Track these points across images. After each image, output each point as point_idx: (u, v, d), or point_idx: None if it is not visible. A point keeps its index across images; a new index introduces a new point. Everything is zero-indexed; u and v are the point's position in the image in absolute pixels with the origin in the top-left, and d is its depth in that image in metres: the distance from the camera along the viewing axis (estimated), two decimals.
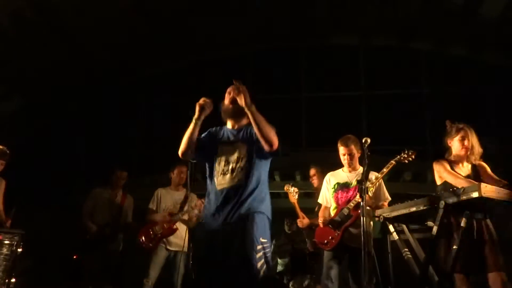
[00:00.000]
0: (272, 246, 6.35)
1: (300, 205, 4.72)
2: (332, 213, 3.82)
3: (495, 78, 8.32)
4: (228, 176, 2.59)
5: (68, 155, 8.28)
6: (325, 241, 3.67)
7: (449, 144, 3.28)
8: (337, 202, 3.80)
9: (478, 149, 3.18)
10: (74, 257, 4.77)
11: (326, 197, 3.94)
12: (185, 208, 4.42)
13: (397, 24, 8.28)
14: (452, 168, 3.12)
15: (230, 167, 2.62)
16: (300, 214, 4.65)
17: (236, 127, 2.83)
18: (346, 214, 3.64)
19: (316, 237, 3.88)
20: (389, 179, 7.41)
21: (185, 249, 4.29)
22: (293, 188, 4.66)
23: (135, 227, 4.71)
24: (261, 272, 2.37)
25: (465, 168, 3.16)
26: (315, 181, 4.96)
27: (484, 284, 2.80)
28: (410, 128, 8.20)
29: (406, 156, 3.53)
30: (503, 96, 8.12)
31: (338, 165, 4.05)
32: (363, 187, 2.99)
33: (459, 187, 2.69)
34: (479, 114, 8.06)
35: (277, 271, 5.97)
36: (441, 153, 3.35)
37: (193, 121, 2.70)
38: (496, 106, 8.15)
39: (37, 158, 7.79)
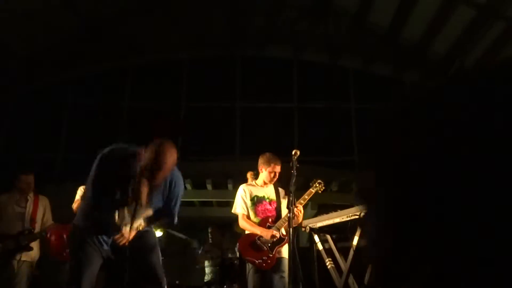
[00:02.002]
0: (200, 252, 6.34)
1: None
2: None
3: (415, 96, 9.00)
4: (127, 228, 2.50)
5: None
6: (258, 261, 3.56)
7: None
8: (258, 215, 3.77)
9: None
10: None
11: (247, 207, 3.81)
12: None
13: (328, 41, 8.66)
14: None
15: (135, 225, 2.51)
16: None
17: None
18: (278, 236, 3.59)
19: (244, 250, 3.67)
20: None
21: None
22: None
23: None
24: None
25: None
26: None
27: None
28: (339, 141, 8.59)
29: (319, 186, 3.72)
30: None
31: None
32: (291, 198, 3.08)
33: None
34: None
35: (206, 280, 5.93)
36: (367, 165, 3.47)
37: None
38: None
39: None
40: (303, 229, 3.34)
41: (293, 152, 3.22)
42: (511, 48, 7.55)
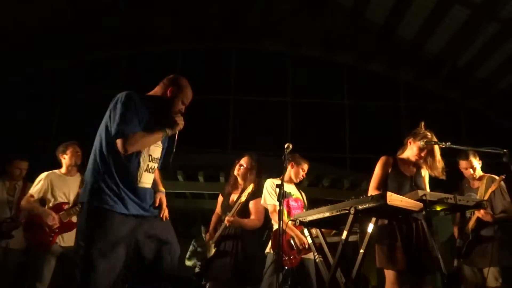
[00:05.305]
0: (192, 246, 6.33)
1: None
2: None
3: (408, 94, 9.07)
4: (151, 175, 2.43)
5: None
6: (284, 257, 3.53)
7: (409, 143, 3.20)
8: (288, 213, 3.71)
9: (440, 164, 3.09)
10: None
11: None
12: None
13: (324, 37, 8.68)
14: (397, 167, 3.17)
15: (154, 165, 2.46)
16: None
17: None
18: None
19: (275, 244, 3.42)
20: (309, 185, 7.73)
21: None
22: None
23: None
24: None
25: (412, 168, 3.19)
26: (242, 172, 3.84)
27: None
28: (331, 136, 8.62)
29: None
30: (414, 111, 8.88)
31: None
32: (282, 191, 3.08)
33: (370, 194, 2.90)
34: (393, 127, 8.70)
35: (195, 272, 5.94)
36: (359, 161, 3.45)
37: (165, 133, 2.42)
38: (408, 120, 8.85)
39: None
40: (291, 223, 3.35)
41: (285, 146, 3.22)
42: (504, 49, 7.62)
